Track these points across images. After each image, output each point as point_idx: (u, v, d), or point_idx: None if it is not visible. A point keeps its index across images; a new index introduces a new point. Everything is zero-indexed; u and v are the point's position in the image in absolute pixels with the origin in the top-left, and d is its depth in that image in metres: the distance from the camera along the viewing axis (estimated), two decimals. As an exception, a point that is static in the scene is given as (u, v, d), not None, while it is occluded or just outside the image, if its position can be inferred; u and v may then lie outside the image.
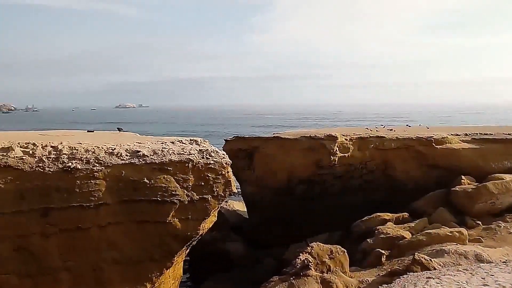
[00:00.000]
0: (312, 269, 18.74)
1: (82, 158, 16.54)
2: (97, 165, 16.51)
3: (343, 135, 33.25)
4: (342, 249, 20.39)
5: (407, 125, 51.35)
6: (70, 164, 16.23)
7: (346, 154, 32.74)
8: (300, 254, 19.80)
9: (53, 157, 16.48)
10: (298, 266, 18.97)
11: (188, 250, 19.86)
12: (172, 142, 18.81)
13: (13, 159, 16.06)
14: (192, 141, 19.32)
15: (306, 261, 18.97)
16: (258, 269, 27.36)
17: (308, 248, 20.14)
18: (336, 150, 31.88)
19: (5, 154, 16.16)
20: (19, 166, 15.99)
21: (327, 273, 19.02)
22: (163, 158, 17.12)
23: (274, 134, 36.82)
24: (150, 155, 17.17)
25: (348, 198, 32.75)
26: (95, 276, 16.89)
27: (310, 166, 32.55)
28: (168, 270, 18.26)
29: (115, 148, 17.27)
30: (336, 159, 32.08)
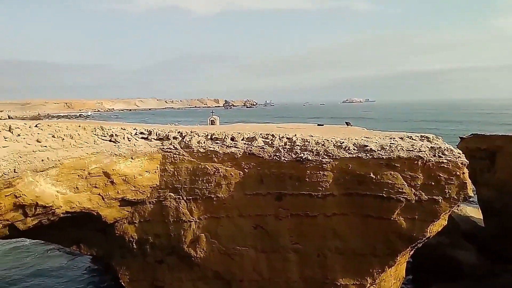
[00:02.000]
0: None
1: (313, 150, 17.59)
2: (326, 157, 17.31)
3: None
4: None
5: None
6: (302, 155, 17.50)
7: None
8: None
9: (288, 148, 18.07)
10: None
11: (412, 251, 18.99)
12: (401, 138, 18.18)
13: (256, 148, 18.31)
14: (423, 138, 18.23)
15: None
16: (493, 284, 24.21)
17: None
18: None
19: (250, 143, 18.57)
20: (260, 154, 18.14)
21: None
22: (391, 153, 16.72)
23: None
24: (378, 150, 16.99)
25: None
26: (319, 262, 17.84)
27: None
28: (390, 269, 17.86)
29: (343, 142, 17.75)
30: None
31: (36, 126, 16.29)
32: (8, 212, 15.31)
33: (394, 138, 18.29)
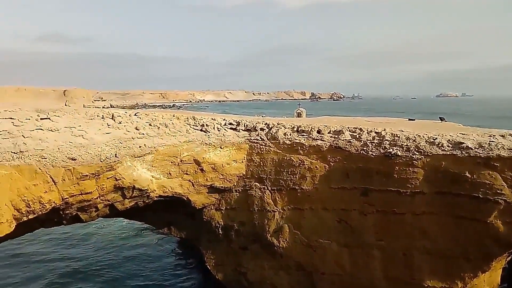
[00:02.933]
0: None
1: (403, 145, 16.94)
2: (417, 153, 16.58)
3: None
4: None
5: None
6: (391, 150, 16.94)
7: None
8: None
9: (376, 142, 17.58)
10: None
11: (510, 257, 17.59)
12: (502, 136, 16.80)
13: (342, 141, 18.07)
14: (529, 136, 16.70)
15: None
16: None
17: None
18: None
19: (336, 136, 18.36)
20: (347, 148, 17.88)
21: None
22: (490, 152, 15.55)
23: None
24: (475, 147, 15.89)
25: None
26: (405, 261, 17.21)
27: None
28: (483, 274, 16.73)
29: (436, 138, 16.86)
30: None
31: (135, 115, 17.58)
32: (109, 193, 16.78)
33: (494, 135, 16.95)
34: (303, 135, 19.03)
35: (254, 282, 20.07)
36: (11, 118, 13.90)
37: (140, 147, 16.83)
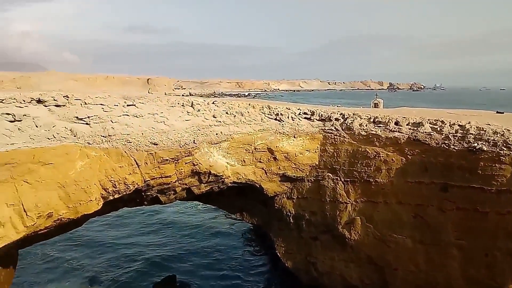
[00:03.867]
0: None
1: (489, 140, 15.90)
2: (505, 149, 15.49)
3: None
4: None
5: None
6: (476, 144, 15.98)
7: None
8: None
9: (459, 136, 16.66)
10: None
11: None
12: None
13: (422, 134, 17.33)
14: None
15: None
16: None
17: None
18: None
19: (415, 128, 17.64)
20: (426, 141, 17.13)
21: None
22: None
23: None
24: None
25: None
26: (486, 262, 16.26)
27: None
28: None
29: (529, 133, 15.61)
30: None
31: (213, 103, 18.13)
32: (187, 178, 17.58)
33: None
34: (380, 126, 18.50)
35: (324, 272, 20.04)
36: (101, 104, 14.95)
37: (216, 134, 17.39)
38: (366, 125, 18.70)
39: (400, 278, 18.12)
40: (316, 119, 19.64)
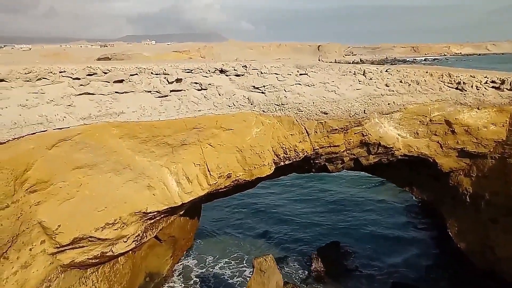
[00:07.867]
0: None
1: None
2: None
3: None
4: None
5: None
6: None
7: None
8: None
9: None
10: None
11: None
12: None
13: None
14: None
15: None
16: None
17: None
18: None
19: None
20: None
21: None
22: None
23: None
24: None
25: None
26: None
27: None
28: None
29: None
30: None
31: (386, 71, 17.36)
32: (355, 148, 17.47)
33: None
34: None
35: (502, 258, 18.00)
36: (276, 74, 15.69)
37: (388, 104, 16.71)
38: None
39: None
40: (507, 89, 17.24)
